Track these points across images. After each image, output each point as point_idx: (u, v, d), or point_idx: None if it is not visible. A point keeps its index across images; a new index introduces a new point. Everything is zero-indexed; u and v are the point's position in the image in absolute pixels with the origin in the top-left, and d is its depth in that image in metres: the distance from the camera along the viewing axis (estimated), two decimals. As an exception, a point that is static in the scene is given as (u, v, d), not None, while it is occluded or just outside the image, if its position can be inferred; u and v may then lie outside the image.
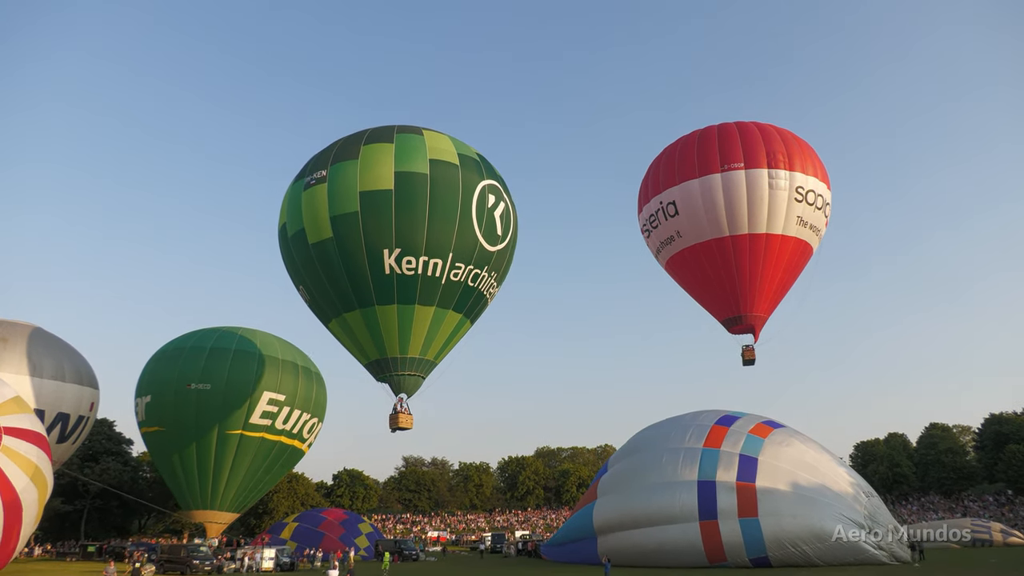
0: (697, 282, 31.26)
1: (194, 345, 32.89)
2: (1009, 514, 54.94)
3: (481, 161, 24.96)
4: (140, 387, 33.46)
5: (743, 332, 30.49)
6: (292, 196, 24.30)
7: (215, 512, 33.50)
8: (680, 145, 30.73)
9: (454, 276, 23.13)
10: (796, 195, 28.29)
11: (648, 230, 31.80)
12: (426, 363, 24.51)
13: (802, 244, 29.39)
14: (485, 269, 24.07)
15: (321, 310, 24.69)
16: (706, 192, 28.63)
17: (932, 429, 68.79)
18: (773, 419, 26.69)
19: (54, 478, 22.08)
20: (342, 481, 71.43)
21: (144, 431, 33.09)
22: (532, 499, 78.19)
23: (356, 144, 23.49)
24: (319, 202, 22.85)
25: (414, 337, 23.60)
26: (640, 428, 29.36)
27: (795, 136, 30.02)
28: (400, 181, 22.42)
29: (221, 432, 31.51)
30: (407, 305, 22.98)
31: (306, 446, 35.38)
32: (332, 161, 23.28)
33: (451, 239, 22.77)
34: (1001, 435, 61.56)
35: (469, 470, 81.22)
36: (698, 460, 24.31)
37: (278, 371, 33.01)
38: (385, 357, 23.79)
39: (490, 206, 24.05)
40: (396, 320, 23.16)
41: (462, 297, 23.89)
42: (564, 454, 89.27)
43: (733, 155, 28.56)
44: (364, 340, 23.86)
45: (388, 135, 23.62)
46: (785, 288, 30.43)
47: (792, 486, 22.91)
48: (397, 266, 22.37)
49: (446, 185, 22.88)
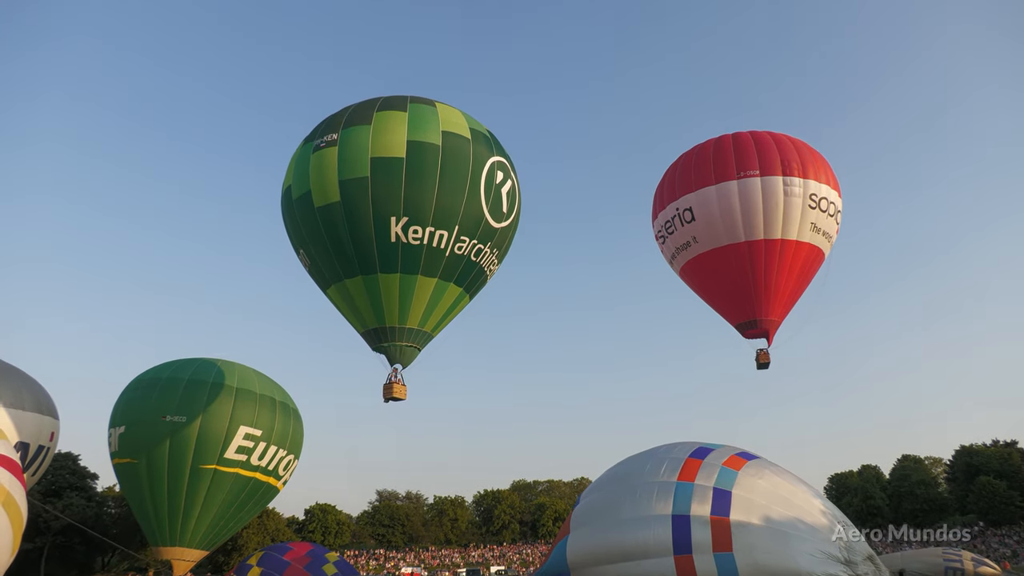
0: (712, 287, 32.25)
1: (171, 376, 32.33)
2: (981, 545, 55.56)
3: (491, 137, 25.09)
4: (114, 417, 32.70)
5: (757, 336, 31.23)
6: (300, 158, 24.01)
7: (184, 549, 32.61)
8: (695, 153, 31.81)
9: (458, 249, 23.09)
10: (810, 202, 29.35)
11: (663, 236, 32.72)
12: (424, 335, 24.44)
13: (815, 250, 30.50)
14: (488, 245, 24.08)
15: (321, 275, 24.41)
16: (723, 198, 29.55)
17: (904, 461, 69.68)
18: (747, 450, 26.87)
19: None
20: (314, 516, 70.27)
21: (116, 463, 32.25)
22: (508, 533, 77.44)
23: (369, 110, 23.34)
24: (328, 165, 22.56)
25: (414, 307, 23.48)
26: (616, 460, 29.40)
27: (807, 145, 31.23)
28: (412, 150, 22.30)
29: (195, 466, 30.83)
30: (410, 275, 22.86)
31: (281, 483, 34.79)
32: (344, 126, 23.07)
33: (458, 212, 22.72)
34: (972, 467, 62.51)
35: (444, 504, 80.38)
36: (672, 494, 24.37)
37: (255, 405, 32.53)
38: (384, 326, 23.59)
39: (498, 182, 24.08)
40: (398, 289, 23.01)
41: (464, 271, 23.92)
42: (540, 487, 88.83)
43: (749, 163, 29.61)
44: (363, 307, 23.69)
45: (402, 104, 23.57)
46: (798, 293, 31.51)
47: (765, 520, 23.02)
48: (403, 235, 22.20)
49: (457, 157, 22.83)
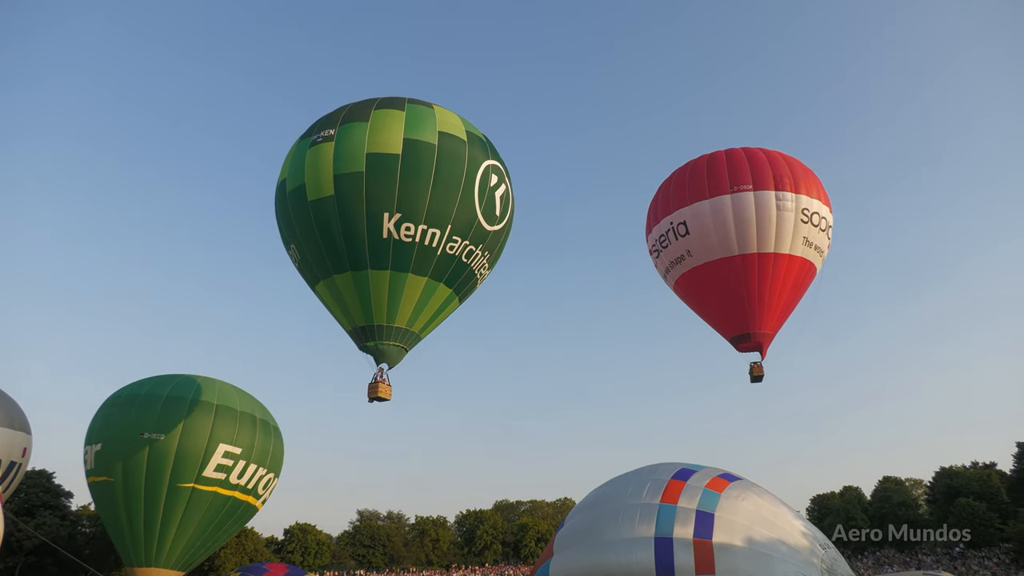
0: (706, 300, 32.54)
1: (150, 392, 31.74)
2: (962, 568, 55.85)
3: (487, 142, 25.32)
4: (91, 434, 31.97)
5: (751, 350, 31.42)
6: (296, 152, 24.11)
7: (159, 570, 31.89)
8: (689, 168, 32.25)
9: (450, 249, 23.10)
10: (802, 216, 29.75)
11: (658, 250, 33.03)
12: (412, 335, 24.27)
13: (807, 264, 30.87)
14: (480, 247, 24.12)
15: (311, 271, 24.27)
16: (717, 212, 29.94)
17: (885, 482, 70.03)
18: (730, 472, 26.90)
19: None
20: (294, 536, 69.19)
21: (92, 480, 31.50)
22: (490, 554, 76.71)
23: (367, 108, 23.58)
24: (324, 159, 22.65)
25: (403, 305, 23.38)
26: (599, 481, 29.25)
27: (799, 162, 31.77)
28: (408, 148, 22.45)
29: (172, 485, 30.24)
30: (401, 272, 22.78)
31: (260, 502, 34.21)
32: (341, 122, 23.24)
33: (452, 211, 22.78)
34: (952, 488, 63.07)
35: (426, 524, 79.55)
36: (655, 516, 24.25)
37: (235, 423, 32.01)
38: (371, 324, 23.43)
39: (492, 185, 24.23)
40: (387, 286, 22.90)
41: (455, 272, 23.90)
42: (523, 507, 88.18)
43: (742, 177, 30.07)
44: (352, 304, 23.52)
45: (399, 104, 23.86)
46: (791, 307, 31.84)
47: (748, 542, 22.99)
48: (396, 231, 22.17)
49: (452, 158, 23.03)
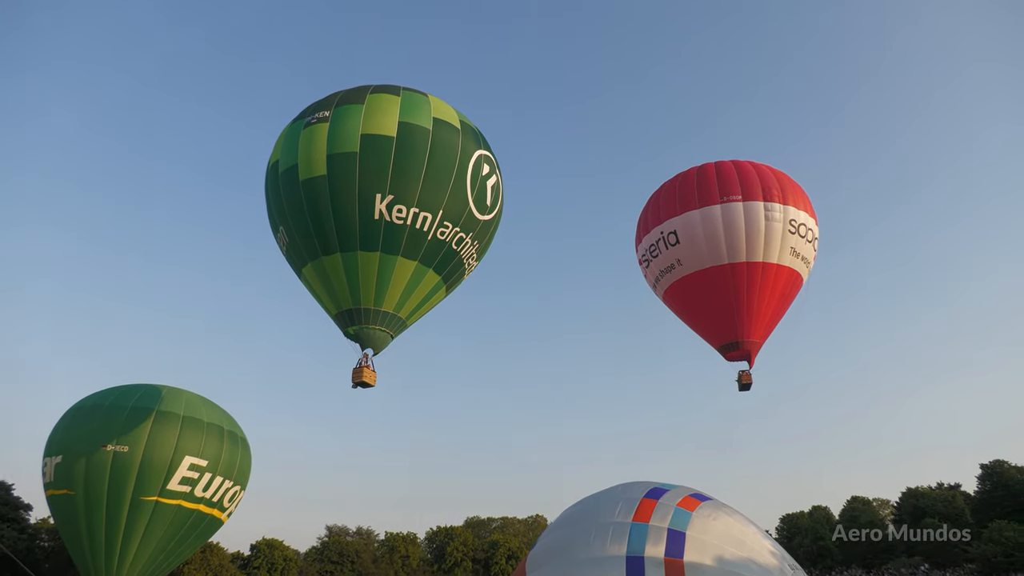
0: (696, 309, 32.85)
1: (114, 403, 30.87)
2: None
3: (479, 133, 25.61)
4: (50, 446, 30.91)
5: (739, 359, 31.76)
6: (290, 133, 24.10)
7: (120, 586, 31.11)
8: (679, 180, 32.79)
9: (440, 234, 23.20)
10: (790, 227, 30.30)
11: (648, 260, 33.38)
12: (398, 320, 24.23)
13: (794, 274, 31.34)
14: (470, 235, 24.30)
15: (298, 254, 24.12)
16: (707, 222, 30.41)
17: (853, 502, 70.77)
18: (701, 491, 27.02)
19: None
20: (260, 551, 67.90)
21: (50, 494, 30.47)
22: (460, 571, 75.93)
23: (362, 92, 23.79)
24: (318, 139, 22.74)
25: (391, 289, 23.37)
26: (571, 498, 29.21)
27: (787, 175, 32.39)
28: (403, 131, 22.68)
29: (135, 498, 29.42)
30: (391, 255, 22.77)
31: (226, 515, 33.46)
32: (336, 105, 23.39)
33: (444, 196, 22.95)
34: (918, 509, 63.91)
35: (395, 540, 78.54)
36: (627, 535, 24.25)
37: (202, 434, 31.29)
38: (358, 307, 23.35)
39: (484, 174, 24.47)
40: (376, 268, 22.89)
41: (444, 258, 23.96)
42: (494, 524, 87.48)
43: (731, 188, 30.63)
44: (339, 286, 23.40)
45: (395, 90, 24.09)
46: (778, 316, 32.31)
47: (719, 561, 23.06)
48: (387, 213, 22.21)
49: (446, 144, 23.30)
